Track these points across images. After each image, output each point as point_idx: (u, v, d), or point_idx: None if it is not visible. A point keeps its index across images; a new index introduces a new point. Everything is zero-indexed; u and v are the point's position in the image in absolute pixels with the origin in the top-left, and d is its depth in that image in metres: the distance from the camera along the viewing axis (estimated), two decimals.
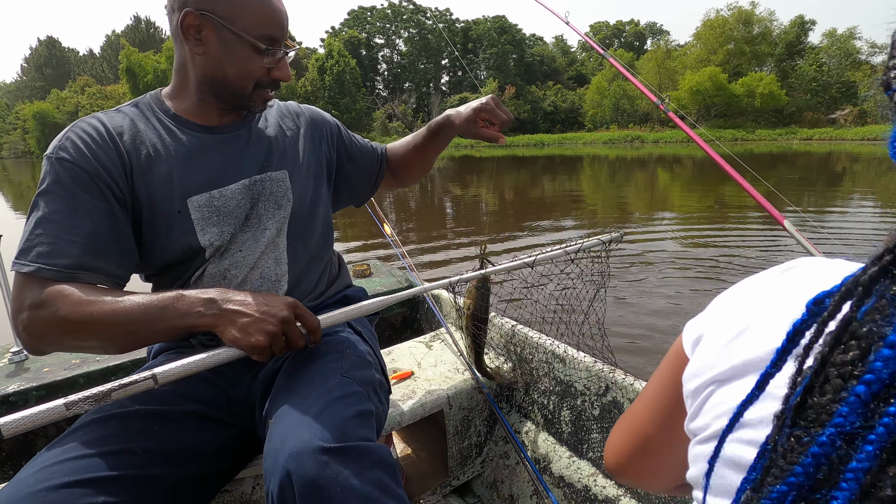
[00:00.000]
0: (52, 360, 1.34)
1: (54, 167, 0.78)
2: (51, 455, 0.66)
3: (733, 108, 40.89)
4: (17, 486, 0.62)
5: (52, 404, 0.63)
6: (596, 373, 1.13)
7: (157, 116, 0.88)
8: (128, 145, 0.82)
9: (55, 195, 0.77)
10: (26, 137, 63.49)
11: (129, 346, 0.76)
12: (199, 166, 0.87)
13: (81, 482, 0.63)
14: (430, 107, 56.35)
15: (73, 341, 0.74)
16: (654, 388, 0.46)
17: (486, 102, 1.02)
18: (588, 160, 23.74)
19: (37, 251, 0.74)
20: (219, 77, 0.85)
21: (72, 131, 0.81)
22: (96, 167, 0.79)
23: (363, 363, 0.86)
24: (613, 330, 3.16)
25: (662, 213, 7.85)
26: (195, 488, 0.77)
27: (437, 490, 1.29)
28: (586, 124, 51.50)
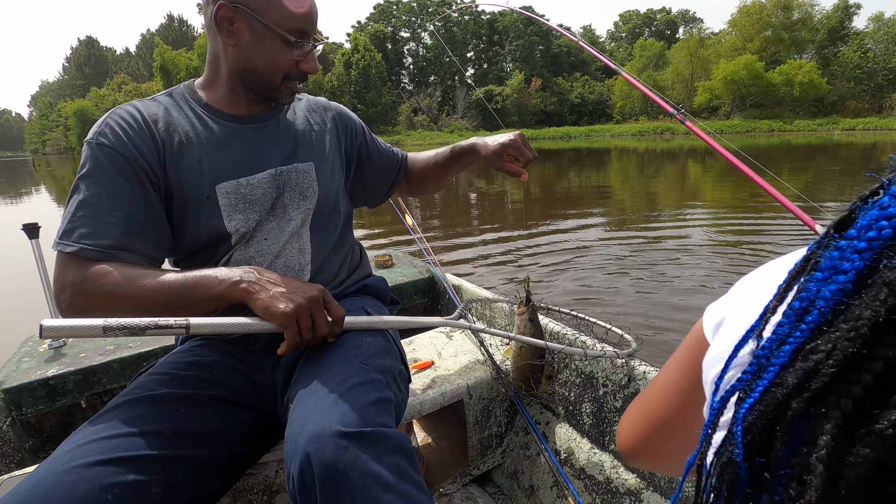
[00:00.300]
0: (87, 346, 1.39)
1: (94, 152, 0.82)
2: (85, 434, 0.69)
3: (770, 98, 39.35)
4: (55, 462, 0.64)
5: (93, 322, 0.66)
6: (618, 364, 1.11)
7: (190, 105, 0.92)
8: (162, 132, 0.86)
9: (95, 179, 0.80)
10: (68, 134, 66.25)
11: (171, 314, 0.78)
12: (228, 154, 0.90)
13: (114, 460, 0.65)
14: (455, 100, 56.17)
15: (115, 315, 0.76)
16: (671, 372, 0.44)
17: (513, 139, 1.05)
18: (616, 153, 23.27)
19: (79, 232, 0.78)
20: (249, 68, 0.88)
21: (110, 118, 0.85)
22: (133, 152, 0.82)
23: (383, 351, 0.87)
24: (636, 322, 3.09)
25: (693, 205, 7.63)
26: (221, 470, 0.79)
27: (457, 479, 1.29)
28: (615, 116, 50.51)
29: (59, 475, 0.62)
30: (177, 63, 45.33)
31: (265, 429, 0.89)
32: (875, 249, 0.22)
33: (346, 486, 0.62)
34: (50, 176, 25.70)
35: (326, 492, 0.62)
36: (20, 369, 1.30)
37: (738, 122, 37.93)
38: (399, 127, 50.13)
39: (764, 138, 29.78)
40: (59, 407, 1.28)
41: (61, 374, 1.26)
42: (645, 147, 26.38)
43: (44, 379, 1.25)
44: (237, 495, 0.99)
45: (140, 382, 0.81)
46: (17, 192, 15.74)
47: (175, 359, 0.88)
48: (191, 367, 0.85)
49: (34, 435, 1.30)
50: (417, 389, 1.17)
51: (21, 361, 1.34)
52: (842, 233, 0.24)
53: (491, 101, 51.59)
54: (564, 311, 1.40)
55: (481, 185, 11.47)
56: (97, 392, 1.32)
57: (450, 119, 54.31)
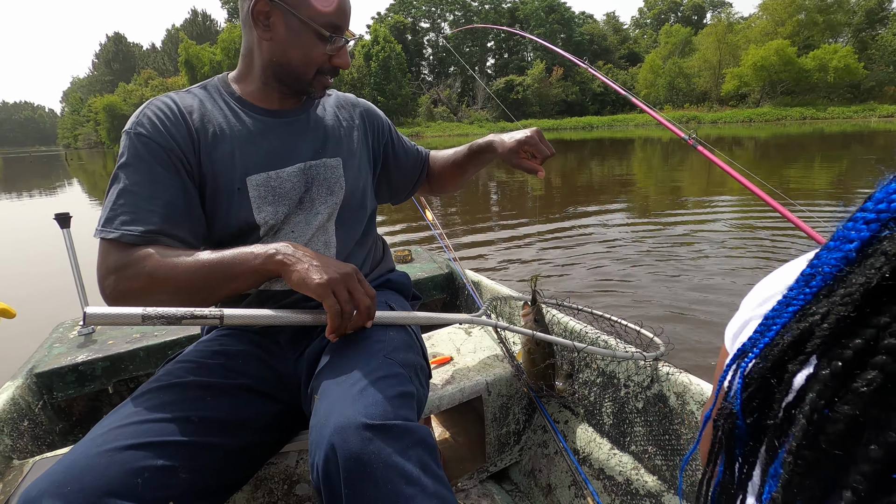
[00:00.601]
0: (115, 334, 1.44)
1: (133, 141, 0.84)
2: (117, 417, 0.71)
3: (802, 85, 37.92)
4: (88, 444, 0.67)
5: (133, 310, 0.68)
6: (641, 365, 1.10)
7: (224, 98, 0.94)
8: (197, 124, 0.88)
9: (135, 168, 0.83)
10: (98, 129, 68.10)
11: (209, 294, 0.81)
12: (260, 147, 0.92)
13: (144, 445, 0.67)
14: (475, 91, 55.72)
15: (158, 295, 0.79)
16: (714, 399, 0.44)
17: (530, 136, 1.04)
18: (639, 143, 22.79)
19: (120, 219, 0.80)
20: (283, 62, 0.90)
21: (148, 108, 0.87)
22: (170, 142, 0.85)
23: (406, 346, 0.88)
24: (658, 315, 3.04)
25: (719, 195, 7.44)
26: (245, 458, 0.81)
27: (474, 475, 1.29)
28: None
29: (91, 457, 0.64)
30: (201, 58, 46.04)
31: (288, 419, 0.91)
32: (882, 221, 0.22)
33: (370, 478, 0.63)
34: (82, 170, 26.51)
35: (351, 482, 0.63)
36: (51, 354, 1.34)
37: (768, 110, 36.71)
38: (419, 119, 50.04)
39: (795, 126, 28.75)
40: (87, 392, 1.33)
41: (90, 360, 1.31)
42: (669, 137, 25.77)
43: (74, 364, 1.29)
44: (258, 484, 1.01)
45: (168, 370, 0.83)
46: (52, 186, 16.29)
47: (202, 348, 0.90)
48: (217, 357, 0.87)
49: (64, 418, 1.35)
50: (436, 385, 1.17)
51: (52, 347, 1.39)
52: None
53: (511, 91, 51.01)
54: (588, 311, 1.38)
55: (501, 176, 11.39)
56: (124, 379, 1.36)
57: (470, 110, 53.97)
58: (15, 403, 1.14)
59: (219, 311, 0.74)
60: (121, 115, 59.72)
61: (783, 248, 4.51)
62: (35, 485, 0.62)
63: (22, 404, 1.17)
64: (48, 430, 1.24)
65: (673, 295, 3.47)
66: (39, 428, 1.20)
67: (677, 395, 0.99)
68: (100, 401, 1.41)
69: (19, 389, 1.18)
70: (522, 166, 1.05)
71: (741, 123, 34.67)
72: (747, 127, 30.71)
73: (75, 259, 1.48)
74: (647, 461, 1.05)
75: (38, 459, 0.99)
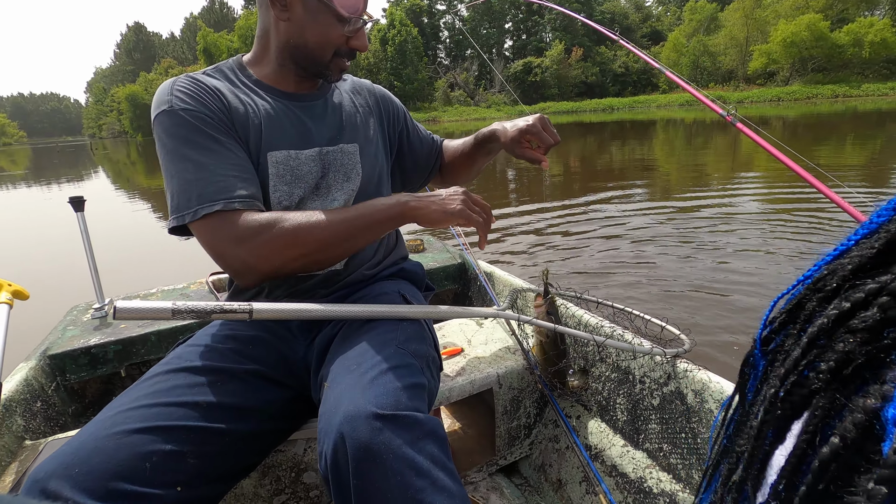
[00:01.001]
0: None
1: (180, 118, 0.82)
2: (126, 400, 0.71)
3: (835, 61, 36.31)
4: (97, 426, 0.66)
5: (163, 304, 0.68)
6: (657, 361, 1.06)
7: (241, 80, 0.93)
8: (227, 97, 0.88)
9: (195, 142, 0.81)
10: (121, 118, 69.38)
11: (350, 246, 0.86)
12: (280, 128, 0.91)
13: (153, 429, 0.67)
14: (492, 74, 54.86)
15: (300, 252, 0.81)
16: None
17: (532, 124, 1.00)
18: (661, 124, 22.21)
19: (213, 190, 0.79)
20: (300, 44, 0.89)
21: (175, 87, 0.85)
22: (214, 112, 0.84)
23: (418, 337, 0.86)
24: (678, 303, 2.97)
25: (746, 174, 7.20)
26: (253, 444, 0.80)
27: (483, 468, 1.28)
28: (661, 86, 48.03)
29: (100, 440, 0.64)
30: (219, 45, 46.28)
31: (297, 406, 0.90)
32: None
33: (379, 468, 0.62)
34: (107, 159, 27.11)
35: (359, 472, 0.62)
36: (65, 337, 1.36)
37: (798, 88, 35.34)
38: (436, 103, 49.61)
39: (826, 105, 27.64)
40: (100, 375, 1.34)
41: (102, 344, 1.32)
42: (693, 117, 25.06)
43: (86, 347, 1.31)
44: (266, 471, 1.01)
45: (178, 353, 0.82)
46: (80, 175, 16.70)
47: (213, 331, 0.90)
48: (228, 341, 0.86)
49: (77, 400, 1.36)
50: (446, 376, 1.15)
51: (66, 329, 1.41)
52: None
53: (530, 73, 50.08)
54: (608, 304, 1.35)
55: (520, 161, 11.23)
56: (135, 362, 1.37)
57: (487, 94, 53.26)
58: (28, 384, 1.16)
59: (248, 306, 0.73)
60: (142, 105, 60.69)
61: (821, 228, 4.35)
62: (43, 466, 0.61)
63: (35, 386, 1.18)
64: (61, 412, 1.25)
65: (699, 279, 3.39)
66: (52, 409, 1.22)
67: (696, 392, 0.95)
68: (112, 384, 1.44)
69: (32, 371, 1.20)
70: (525, 156, 1.01)
71: (769, 103, 33.47)
72: (775, 106, 29.63)
73: (89, 242, 1.48)
74: (662, 459, 1.02)
75: (50, 440, 1.00)
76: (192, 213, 0.79)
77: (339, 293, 0.97)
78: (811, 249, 3.86)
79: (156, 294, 1.63)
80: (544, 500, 1.24)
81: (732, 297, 3.09)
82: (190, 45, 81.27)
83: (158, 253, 5.21)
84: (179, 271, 4.37)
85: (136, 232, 6.47)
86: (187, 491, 0.68)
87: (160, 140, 0.83)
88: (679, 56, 44.71)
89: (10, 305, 1.07)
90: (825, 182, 1.12)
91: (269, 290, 0.94)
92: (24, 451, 1.00)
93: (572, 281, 3.48)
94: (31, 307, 1.37)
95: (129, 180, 14.12)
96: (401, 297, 0.97)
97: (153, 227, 6.71)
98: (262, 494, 1.02)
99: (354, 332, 0.83)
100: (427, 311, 0.91)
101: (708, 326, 2.73)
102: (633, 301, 3.11)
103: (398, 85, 46.88)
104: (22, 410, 1.09)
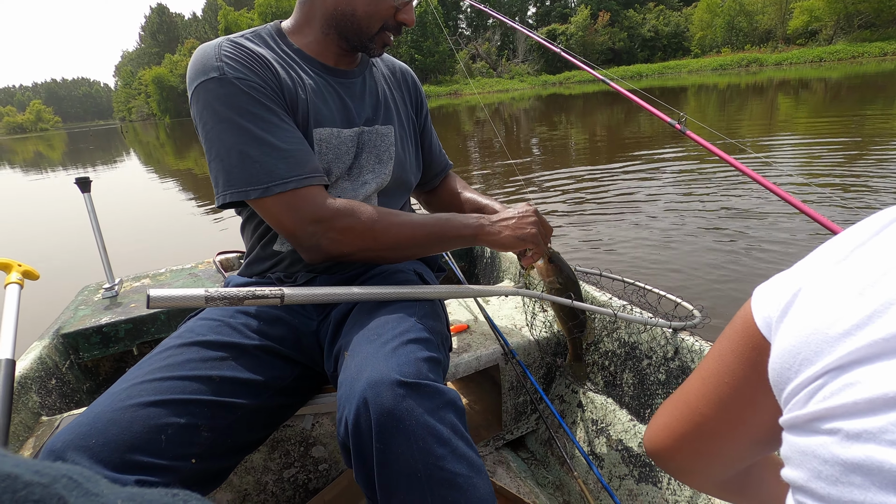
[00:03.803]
0: (138, 297, 1.48)
1: (236, 87, 0.78)
2: (140, 373, 0.71)
3: (885, 16, 33.85)
4: (112, 397, 0.67)
5: (195, 292, 0.68)
6: (664, 335, 1.05)
7: (283, 50, 0.89)
8: (272, 66, 0.84)
9: (253, 114, 0.79)
10: (149, 101, 70.77)
11: (420, 252, 0.89)
12: (325, 103, 0.89)
13: (167, 402, 0.67)
14: (515, 43, 53.41)
15: (370, 245, 0.83)
16: (712, 362, 0.39)
17: (531, 234, 0.91)
18: (693, 90, 21.28)
19: (284, 167, 0.78)
20: (348, 12, 0.85)
21: (224, 53, 0.80)
22: (267, 81, 0.81)
23: (434, 314, 0.86)
24: (699, 275, 2.85)
25: (783, 135, 6.83)
26: (263, 418, 0.81)
27: (490, 442, 1.29)
28: (693, 49, 45.92)
29: (116, 412, 0.64)
30: (240, 24, 46.42)
31: (306, 381, 0.90)
32: None
33: (402, 433, 0.62)
34: (137, 142, 27.83)
35: (383, 437, 0.62)
36: (77, 316, 1.38)
37: (842, 48, 33.18)
38: (457, 76, 48.74)
39: (874, 64, 25.90)
40: (112, 353, 1.36)
41: (113, 322, 1.34)
42: (727, 83, 23.92)
43: (98, 326, 1.32)
44: (275, 445, 1.02)
45: (190, 327, 0.82)
46: (112, 159, 17.19)
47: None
48: (239, 315, 0.86)
49: (91, 378, 1.39)
50: (453, 352, 1.15)
51: (78, 309, 1.43)
52: None
53: (554, 41, 48.53)
54: (620, 279, 1.33)
55: (543, 130, 10.97)
56: (147, 341, 1.40)
57: (510, 64, 51.97)
58: (42, 362, 1.18)
59: (279, 291, 0.73)
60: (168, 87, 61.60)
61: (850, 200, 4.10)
62: (59, 436, 0.62)
63: (49, 363, 1.20)
64: (75, 389, 1.28)
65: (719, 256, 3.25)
66: (67, 386, 1.24)
67: None
68: (125, 361, 1.47)
69: (46, 349, 1.22)
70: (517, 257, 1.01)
71: (809, 64, 31.60)
72: (816, 68, 27.94)
73: (97, 223, 1.49)
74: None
75: (66, 416, 1.03)
76: (262, 189, 0.78)
77: (355, 271, 0.96)
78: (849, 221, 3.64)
79: (165, 274, 1.65)
80: (550, 473, 1.25)
81: (759, 268, 2.95)
82: (212, 24, 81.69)
83: (166, 234, 5.33)
84: (185, 253, 4.44)
85: (145, 212, 6.60)
86: (201, 463, 0.68)
87: (210, 108, 0.78)
88: (713, 17, 42.52)
89: (21, 286, 1.08)
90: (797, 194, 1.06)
91: (287, 264, 0.93)
92: (41, 426, 1.02)
93: (589, 255, 3.39)
94: (41, 287, 1.38)
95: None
96: (417, 276, 0.96)
97: (167, 207, 6.85)
98: (272, 468, 1.03)
99: (374, 306, 0.82)
100: (451, 291, 0.92)
101: (727, 298, 2.62)
102: (647, 273, 3.02)
103: (419, 58, 46.18)
104: (37, 387, 1.12)
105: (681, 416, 0.43)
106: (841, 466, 0.24)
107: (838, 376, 0.26)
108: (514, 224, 0.90)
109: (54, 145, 34.87)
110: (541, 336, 1.24)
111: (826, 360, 0.27)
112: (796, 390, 0.29)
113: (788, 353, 0.29)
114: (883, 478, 0.22)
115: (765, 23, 41.09)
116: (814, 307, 0.29)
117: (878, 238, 0.28)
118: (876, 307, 0.25)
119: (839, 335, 0.26)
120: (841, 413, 0.25)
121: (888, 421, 0.22)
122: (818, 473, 0.26)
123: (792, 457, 0.29)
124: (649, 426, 0.48)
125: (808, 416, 0.27)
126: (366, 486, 0.65)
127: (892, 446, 0.22)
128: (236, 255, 1.68)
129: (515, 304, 1.42)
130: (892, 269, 0.26)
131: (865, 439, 0.23)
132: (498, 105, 24.20)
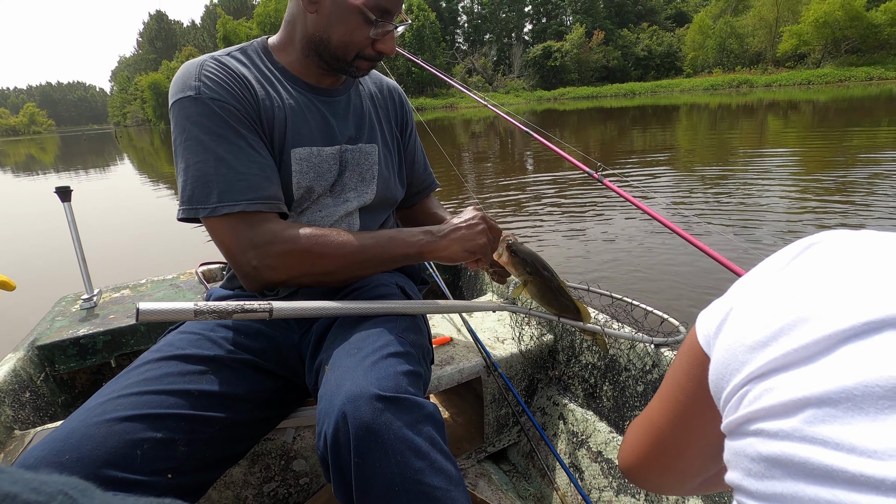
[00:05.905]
0: (117, 308, 1.45)
1: (208, 107, 0.80)
2: (116, 387, 0.70)
3: (870, 42, 34.75)
4: (87, 412, 0.66)
5: (185, 306, 0.67)
6: (642, 349, 1.07)
7: (267, 67, 0.90)
8: (253, 86, 0.85)
9: (220, 135, 0.80)
10: (144, 107, 70.70)
11: (359, 274, 0.87)
12: (304, 124, 0.89)
13: (143, 417, 0.66)
14: (511, 58, 54.11)
15: (307, 270, 0.82)
16: (669, 384, 0.42)
17: (480, 244, 0.90)
18: (685, 109, 21.62)
19: (237, 189, 0.78)
20: (324, 38, 0.86)
21: (204, 72, 0.82)
22: (242, 102, 0.82)
23: (415, 328, 0.86)
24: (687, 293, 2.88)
25: (774, 153, 6.95)
26: (243, 432, 0.80)
27: (472, 454, 1.28)
28: (685, 69, 46.74)
29: (90, 427, 0.63)
30: (238, 33, 46.63)
31: (286, 396, 0.90)
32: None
33: (380, 448, 0.62)
34: (131, 147, 27.69)
35: (360, 451, 0.62)
36: (53, 328, 1.34)
37: (830, 71, 33.95)
38: (453, 89, 49.13)
39: (860, 88, 26.50)
40: (89, 365, 1.33)
41: (91, 334, 1.30)
42: (718, 102, 24.34)
43: (75, 338, 1.29)
44: (255, 459, 1.01)
45: (170, 340, 0.81)
46: (106, 164, 17.07)
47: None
48: (219, 329, 0.85)
49: (67, 391, 1.34)
50: (435, 364, 1.15)
51: (55, 320, 1.39)
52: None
53: (549, 58, 49.17)
54: (605, 293, 1.35)
55: (535, 146, 11.06)
56: (126, 353, 1.36)
57: (506, 79, 52.56)
58: (16, 375, 1.15)
59: (267, 305, 0.73)
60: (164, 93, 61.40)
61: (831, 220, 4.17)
62: (32, 452, 0.61)
63: (23, 376, 1.17)
64: (50, 402, 1.25)
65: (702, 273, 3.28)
66: (41, 399, 1.21)
67: None
68: (102, 374, 1.43)
69: (21, 361, 1.19)
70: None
71: (798, 86, 32.28)
72: (805, 90, 28.54)
73: (77, 232, 1.47)
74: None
75: (39, 430, 1.00)
76: (210, 209, 0.78)
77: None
78: None
79: (145, 285, 1.62)
80: (532, 486, 1.25)
81: None
82: (210, 32, 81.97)
83: (150, 242, 5.27)
84: (166, 263, 4.38)
85: (130, 220, 6.50)
86: (178, 478, 0.67)
87: (180, 125, 0.81)
88: (705, 38, 43.38)
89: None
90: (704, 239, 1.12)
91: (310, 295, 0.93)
92: (14, 441, 0.99)
93: (577, 268, 3.41)
94: (15, 298, 1.35)
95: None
96: (399, 290, 0.95)
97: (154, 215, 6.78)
98: (252, 482, 1.01)
99: (355, 320, 0.82)
100: (438, 307, 0.91)
101: None
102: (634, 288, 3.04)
103: (416, 71, 46.52)
104: (10, 401, 1.09)
105: (645, 435, 0.45)
106: (764, 462, 0.27)
107: (759, 383, 0.29)
108: (461, 236, 0.88)
109: (46, 148, 34.60)
110: (524, 348, 1.24)
111: (749, 369, 0.29)
112: (728, 397, 0.31)
113: (721, 364, 0.32)
114: (795, 469, 0.25)
115: (755, 45, 41.97)
116: (741, 323, 0.32)
117: (794, 263, 0.32)
118: (787, 321, 0.28)
119: (759, 346, 0.29)
120: (763, 415, 0.28)
121: (799, 420, 0.25)
122: (748, 471, 0.28)
123: (730, 459, 0.31)
124: (621, 447, 0.49)
125: (739, 420, 0.30)
126: (344, 501, 0.65)
127: (802, 442, 0.25)
128: (219, 265, 1.66)
129: (499, 317, 1.42)
130: (802, 290, 0.29)
131: (781, 437, 0.26)
132: (493, 119, 24.42)
